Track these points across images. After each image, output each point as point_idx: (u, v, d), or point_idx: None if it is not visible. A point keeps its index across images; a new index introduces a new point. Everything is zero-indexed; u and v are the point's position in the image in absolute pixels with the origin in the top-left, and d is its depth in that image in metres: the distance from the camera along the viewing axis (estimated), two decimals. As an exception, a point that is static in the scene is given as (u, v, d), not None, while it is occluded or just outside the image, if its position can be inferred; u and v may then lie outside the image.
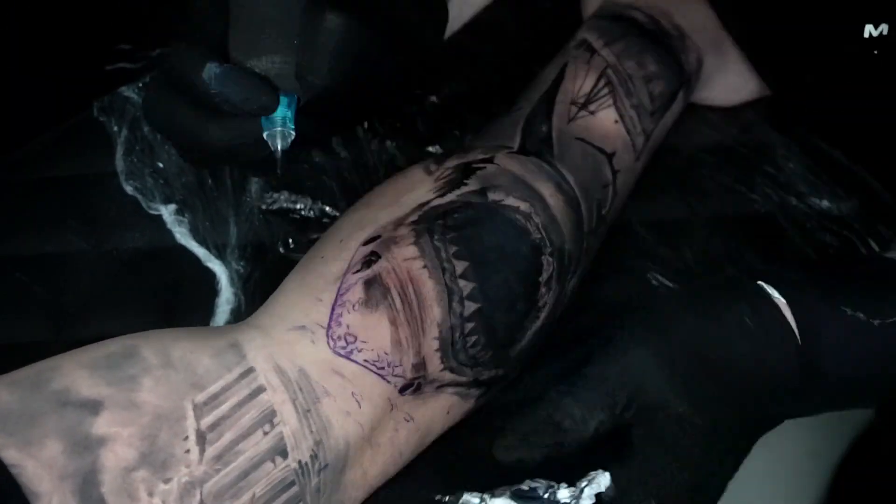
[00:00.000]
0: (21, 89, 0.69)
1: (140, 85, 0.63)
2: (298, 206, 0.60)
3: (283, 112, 0.45)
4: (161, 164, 0.61)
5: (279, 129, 0.45)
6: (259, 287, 0.57)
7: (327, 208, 0.60)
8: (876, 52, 0.49)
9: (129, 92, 0.62)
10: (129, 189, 0.60)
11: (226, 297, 0.56)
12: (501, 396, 0.50)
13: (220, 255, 0.58)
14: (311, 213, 0.60)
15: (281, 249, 0.59)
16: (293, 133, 0.45)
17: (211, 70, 0.43)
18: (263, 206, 0.60)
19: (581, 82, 0.56)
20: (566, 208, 0.50)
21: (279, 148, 0.45)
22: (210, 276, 0.57)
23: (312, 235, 0.59)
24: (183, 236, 0.59)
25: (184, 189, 0.60)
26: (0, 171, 0.61)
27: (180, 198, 0.60)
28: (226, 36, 0.45)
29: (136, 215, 0.59)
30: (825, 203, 0.61)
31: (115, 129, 0.62)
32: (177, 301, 0.57)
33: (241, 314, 0.56)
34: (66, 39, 0.71)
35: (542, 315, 0.49)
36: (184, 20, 0.45)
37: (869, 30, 0.49)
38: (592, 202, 0.53)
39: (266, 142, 0.46)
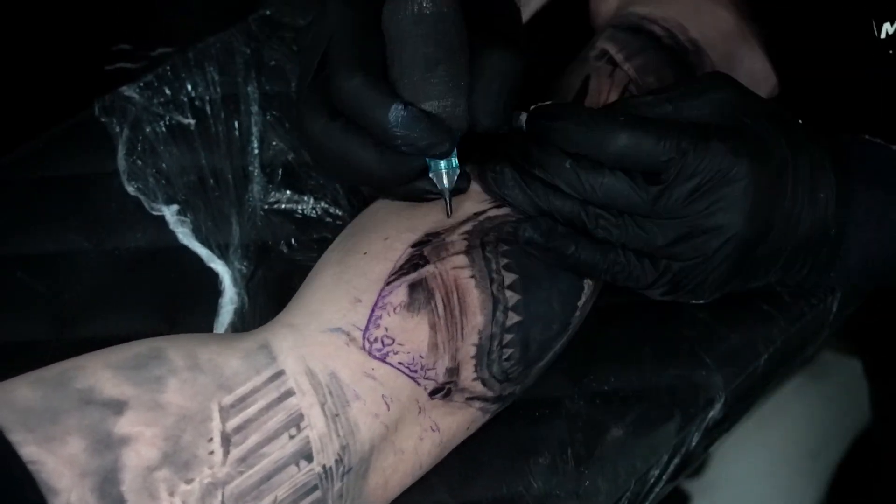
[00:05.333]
0: (21, 89, 0.69)
1: (141, 84, 0.63)
2: (301, 206, 0.60)
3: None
4: (163, 165, 0.61)
5: (445, 169, 0.45)
6: (262, 287, 0.57)
7: (330, 208, 0.60)
8: (891, 51, 0.50)
9: (130, 92, 0.62)
10: (130, 189, 0.60)
11: (229, 297, 0.56)
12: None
13: (222, 255, 0.58)
14: (314, 212, 0.60)
15: (284, 249, 0.58)
16: (458, 171, 0.46)
17: (397, 112, 0.42)
18: (266, 206, 0.60)
19: (605, 97, 0.56)
20: None
21: (447, 186, 0.46)
22: (213, 276, 0.57)
23: (315, 235, 0.59)
24: (185, 236, 0.59)
25: (186, 189, 0.60)
26: (1, 171, 0.60)
27: (182, 198, 0.60)
28: (381, 66, 0.44)
29: (138, 215, 0.59)
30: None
31: (117, 129, 0.61)
32: (180, 301, 0.56)
33: (244, 314, 0.56)
34: (66, 39, 0.71)
35: (565, 337, 0.49)
36: (337, 48, 0.43)
37: (885, 28, 0.49)
38: None
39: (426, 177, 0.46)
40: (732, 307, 0.57)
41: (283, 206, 0.60)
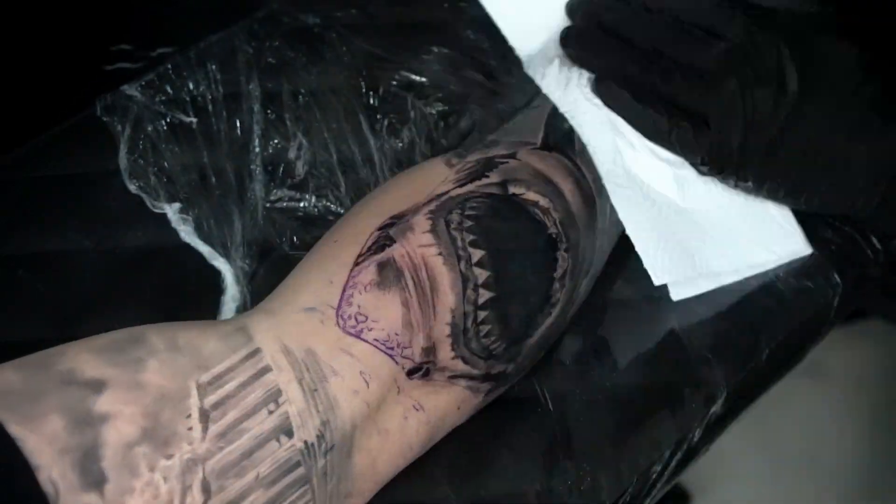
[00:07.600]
0: (21, 89, 0.69)
1: (143, 83, 0.63)
2: (303, 204, 0.60)
3: None
4: (165, 163, 0.61)
5: None
6: (264, 284, 0.56)
7: (332, 206, 0.60)
8: None
9: (132, 90, 0.62)
10: (132, 188, 0.60)
11: (231, 295, 0.56)
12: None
13: (224, 252, 0.58)
14: (316, 210, 0.60)
15: (286, 247, 0.58)
16: None
17: None
18: (267, 204, 0.60)
19: None
20: (583, 205, 0.50)
21: None
22: (215, 274, 0.57)
23: (317, 233, 0.58)
24: (187, 234, 0.59)
25: (187, 187, 0.60)
26: (2, 169, 0.60)
27: (184, 196, 0.60)
28: None
29: (140, 213, 0.59)
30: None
31: (119, 127, 0.61)
32: (182, 299, 0.56)
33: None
34: (67, 39, 0.71)
35: (555, 312, 0.49)
36: None
37: None
38: (606, 200, 0.53)
39: None
40: (734, 303, 0.57)
41: (284, 204, 0.60)
